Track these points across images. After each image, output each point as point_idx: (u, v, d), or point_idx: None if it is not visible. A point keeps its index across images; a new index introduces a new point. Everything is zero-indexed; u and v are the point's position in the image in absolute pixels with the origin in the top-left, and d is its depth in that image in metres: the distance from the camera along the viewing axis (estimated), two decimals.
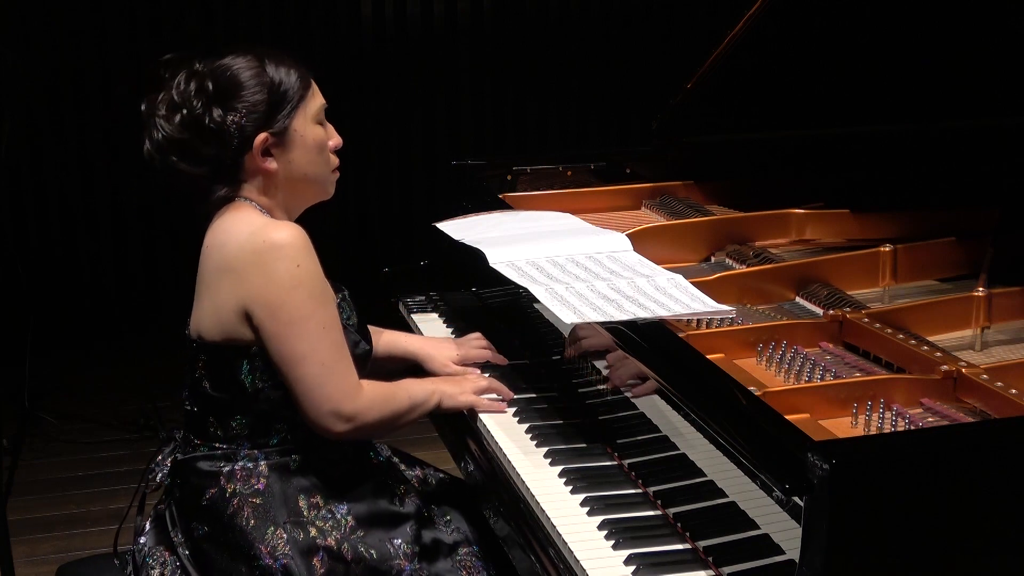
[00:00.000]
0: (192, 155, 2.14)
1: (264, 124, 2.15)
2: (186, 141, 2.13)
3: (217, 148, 2.14)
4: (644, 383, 2.07)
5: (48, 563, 3.65)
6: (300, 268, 2.08)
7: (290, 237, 2.10)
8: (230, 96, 2.14)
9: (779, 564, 1.64)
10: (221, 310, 2.12)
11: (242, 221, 2.15)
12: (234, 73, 2.16)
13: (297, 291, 2.07)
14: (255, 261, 2.08)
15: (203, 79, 2.14)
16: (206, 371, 2.16)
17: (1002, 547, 1.59)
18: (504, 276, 2.29)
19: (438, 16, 5.99)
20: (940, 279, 2.52)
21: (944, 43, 2.74)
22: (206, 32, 5.72)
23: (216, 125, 2.12)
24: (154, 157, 2.16)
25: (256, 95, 2.15)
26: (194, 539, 2.14)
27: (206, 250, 2.18)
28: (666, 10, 6.24)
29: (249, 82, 2.15)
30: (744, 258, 2.58)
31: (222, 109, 2.13)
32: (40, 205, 5.73)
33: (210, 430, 2.18)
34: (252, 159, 2.16)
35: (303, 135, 2.19)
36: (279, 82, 2.17)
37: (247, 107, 2.14)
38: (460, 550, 2.23)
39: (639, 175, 3.14)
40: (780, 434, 1.64)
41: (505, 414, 2.34)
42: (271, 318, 2.08)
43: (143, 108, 2.18)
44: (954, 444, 1.63)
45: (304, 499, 2.13)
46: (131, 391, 4.85)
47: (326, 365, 2.09)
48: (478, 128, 6.19)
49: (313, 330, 2.08)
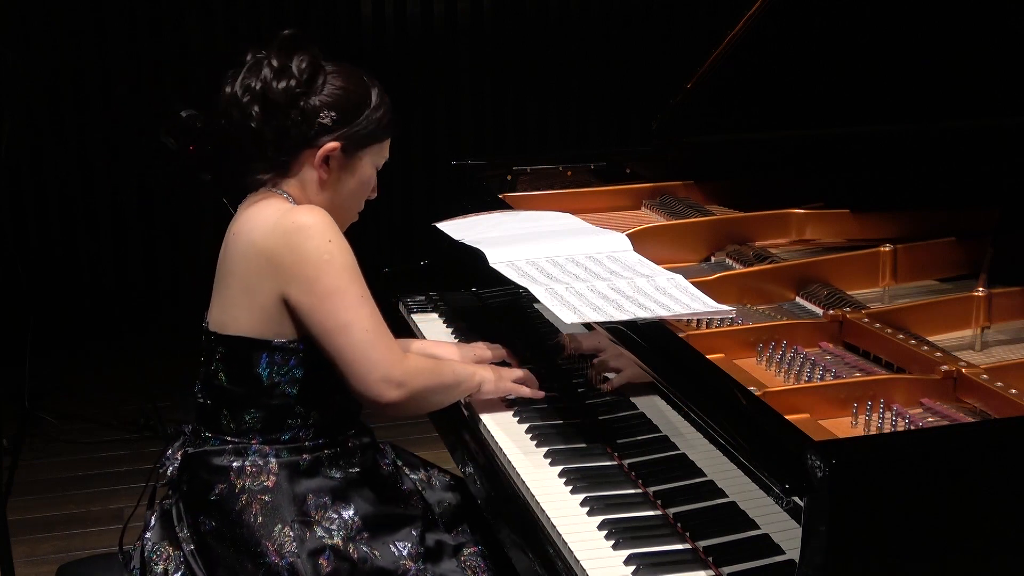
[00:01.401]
0: (272, 116, 2.15)
1: (342, 136, 2.19)
2: (276, 103, 2.14)
3: (294, 126, 2.16)
4: (640, 382, 2.07)
5: (48, 563, 3.65)
6: (331, 243, 2.11)
7: (317, 216, 2.13)
8: (337, 96, 2.18)
9: (779, 564, 1.64)
10: (255, 297, 2.12)
11: (270, 207, 2.17)
12: (350, 78, 2.21)
13: (331, 264, 2.10)
14: (286, 243, 2.10)
15: (320, 66, 2.19)
16: (223, 363, 2.17)
17: (1002, 547, 1.59)
18: (504, 276, 2.29)
19: (438, 16, 5.99)
20: (940, 279, 2.52)
21: (944, 43, 2.74)
22: (206, 32, 5.72)
23: (309, 108, 2.15)
24: (235, 99, 2.17)
25: (354, 108, 2.20)
26: (201, 533, 2.14)
27: (233, 237, 2.19)
28: (666, 10, 6.24)
29: (356, 92, 2.21)
30: (744, 258, 2.58)
31: (320, 99, 2.16)
32: (40, 205, 5.73)
33: (222, 423, 2.18)
34: (310, 156, 2.19)
35: (363, 169, 2.25)
36: (378, 112, 2.23)
37: (341, 113, 2.18)
38: (465, 550, 2.23)
39: (639, 175, 3.14)
40: (780, 434, 1.64)
41: (505, 414, 2.34)
42: (309, 292, 2.09)
43: (251, 55, 2.20)
44: (954, 444, 1.63)
45: (313, 499, 2.14)
46: (131, 391, 4.85)
47: (370, 331, 2.10)
48: (478, 128, 6.19)
49: (352, 300, 2.10)
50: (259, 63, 2.19)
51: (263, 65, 2.18)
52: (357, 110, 2.20)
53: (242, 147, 2.19)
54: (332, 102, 2.18)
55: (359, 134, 2.21)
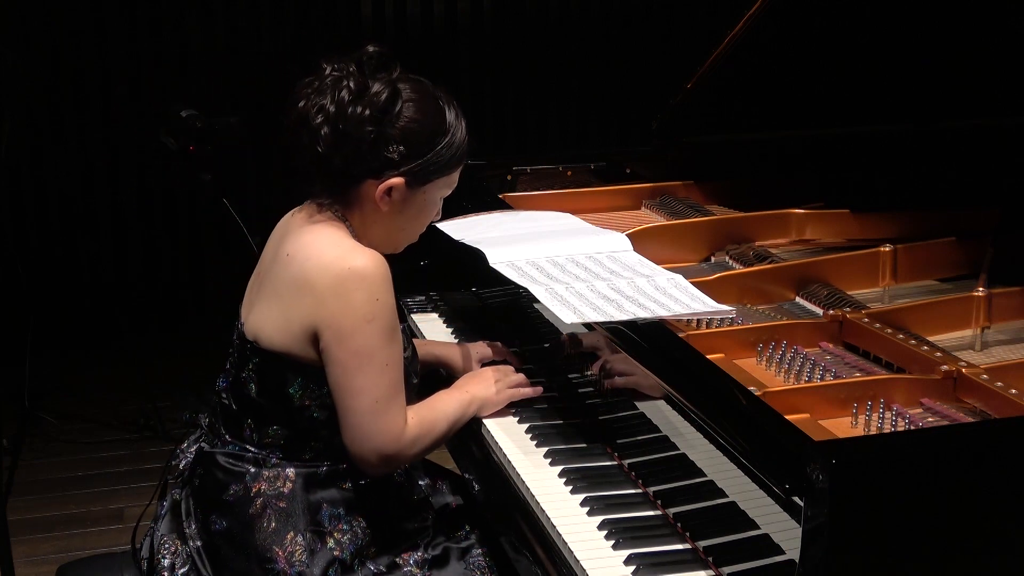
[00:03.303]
0: (342, 143, 2.06)
1: (408, 172, 2.11)
2: (347, 132, 2.05)
3: (360, 157, 2.08)
4: (641, 385, 2.07)
5: (48, 563, 3.65)
6: (378, 303, 2.04)
7: (373, 267, 2.05)
8: (409, 130, 2.09)
9: (779, 564, 1.64)
10: (291, 323, 2.07)
11: (330, 240, 2.09)
12: (426, 107, 2.12)
13: (370, 325, 2.04)
14: (335, 286, 2.03)
15: (398, 91, 2.09)
16: (256, 375, 2.13)
17: (1002, 547, 1.59)
18: (504, 276, 2.29)
19: (438, 16, 5.99)
20: (940, 279, 2.52)
21: (944, 43, 2.74)
22: (206, 32, 5.72)
23: (380, 139, 2.07)
24: (305, 119, 2.07)
25: (425, 143, 2.11)
26: (211, 533, 2.13)
27: (286, 258, 2.11)
28: (666, 10, 6.23)
29: (429, 125, 2.11)
30: (744, 258, 2.58)
31: (391, 131, 2.08)
32: (40, 205, 5.73)
33: (245, 432, 2.15)
34: (373, 186, 2.11)
35: (428, 199, 2.17)
36: (450, 147, 2.14)
37: (411, 147, 2.09)
38: (473, 552, 2.22)
39: (639, 175, 3.14)
40: (780, 434, 1.64)
41: (505, 414, 2.34)
42: (338, 344, 2.04)
43: (329, 68, 2.09)
44: (954, 444, 1.63)
45: (327, 508, 2.12)
46: (131, 391, 4.85)
47: (379, 403, 2.06)
48: (478, 128, 6.16)
49: (376, 367, 2.05)
50: (337, 82, 2.08)
51: (341, 86, 2.07)
52: (427, 145, 2.11)
53: (305, 167, 2.12)
54: (403, 136, 2.08)
55: (426, 169, 2.12)
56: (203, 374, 2.87)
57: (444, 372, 2.53)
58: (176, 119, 3.60)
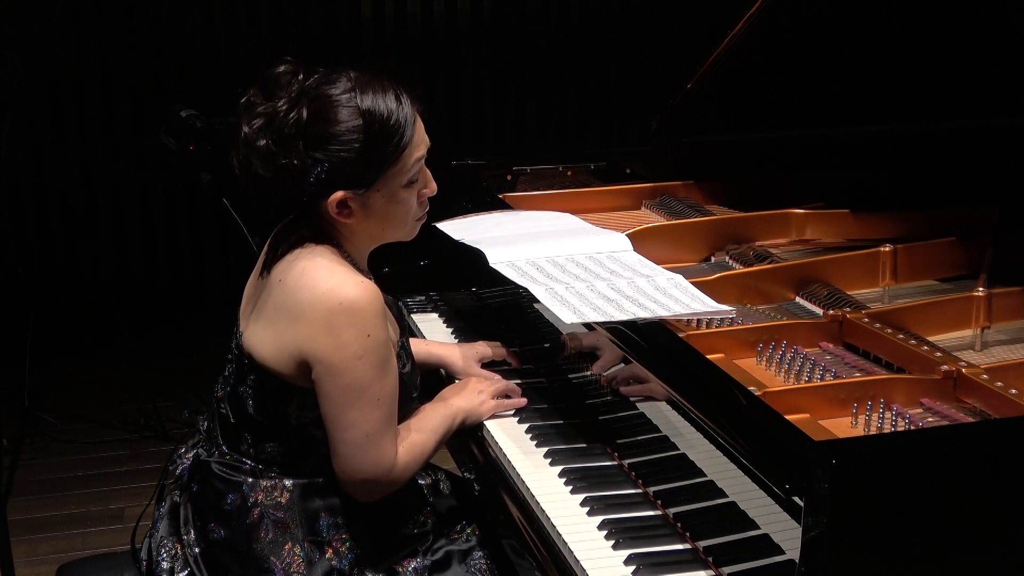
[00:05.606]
0: (277, 172, 1.99)
1: (347, 182, 2.01)
2: (261, 171, 1.99)
3: (294, 187, 2.00)
4: (642, 385, 2.07)
5: (48, 563, 3.65)
6: (369, 339, 2.00)
7: (365, 302, 1.99)
8: (319, 138, 1.98)
9: (779, 564, 1.64)
10: (283, 351, 2.05)
11: (320, 269, 2.03)
12: (330, 109, 1.98)
13: (361, 361, 2.00)
14: (326, 321, 1.99)
15: (301, 106, 1.98)
16: (253, 391, 2.10)
17: (1001, 547, 1.59)
18: (504, 276, 2.29)
19: (438, 16, 5.99)
20: (940, 279, 2.52)
21: (944, 43, 2.74)
22: (206, 32, 5.72)
23: (297, 165, 1.97)
24: (248, 147, 2.00)
25: (346, 145, 1.98)
26: (209, 541, 2.11)
27: (278, 284, 2.06)
28: (666, 10, 6.23)
29: (342, 126, 1.98)
30: (744, 258, 2.58)
31: (304, 159, 1.97)
32: (40, 205, 5.73)
33: (243, 446, 2.13)
34: (327, 208, 2.04)
35: (388, 198, 2.05)
36: (376, 130, 1.99)
37: (330, 157, 1.98)
38: (474, 554, 2.21)
39: (639, 175, 3.14)
40: (780, 434, 1.64)
41: (505, 414, 2.34)
42: (330, 378, 2.01)
43: (245, 101, 2.03)
44: (954, 444, 1.64)
45: (325, 517, 2.11)
46: (131, 391, 4.85)
47: (370, 437, 2.04)
48: (478, 128, 6.19)
49: (367, 401, 2.02)
50: (244, 115, 2.02)
51: (245, 121, 2.02)
52: (347, 150, 1.98)
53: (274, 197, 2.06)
54: (323, 155, 1.98)
55: (361, 172, 2.00)
56: (203, 374, 2.87)
57: (444, 372, 2.53)
58: (176, 119, 3.59)
